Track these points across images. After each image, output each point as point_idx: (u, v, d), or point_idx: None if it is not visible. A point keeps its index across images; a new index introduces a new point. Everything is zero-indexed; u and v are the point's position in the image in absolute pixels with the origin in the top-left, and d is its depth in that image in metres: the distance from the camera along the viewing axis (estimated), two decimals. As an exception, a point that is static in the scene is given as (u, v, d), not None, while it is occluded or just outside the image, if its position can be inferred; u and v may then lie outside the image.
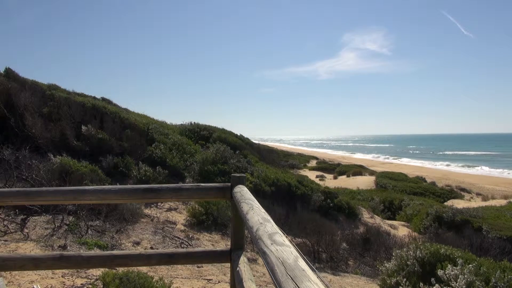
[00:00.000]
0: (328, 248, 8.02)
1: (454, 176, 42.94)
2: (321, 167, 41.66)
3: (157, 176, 9.20)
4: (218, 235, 7.51)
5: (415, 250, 5.37)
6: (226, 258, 2.89)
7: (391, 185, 26.89)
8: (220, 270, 5.53)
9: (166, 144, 11.51)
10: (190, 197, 2.97)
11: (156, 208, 8.12)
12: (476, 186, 34.85)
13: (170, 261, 2.95)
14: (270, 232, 1.47)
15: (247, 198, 2.21)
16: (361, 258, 8.62)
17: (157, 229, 6.76)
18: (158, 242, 6.24)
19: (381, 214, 16.77)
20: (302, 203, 11.17)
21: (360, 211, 13.59)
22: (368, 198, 19.54)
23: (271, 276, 1.15)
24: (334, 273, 7.08)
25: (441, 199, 24.06)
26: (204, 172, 10.95)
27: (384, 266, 5.59)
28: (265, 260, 1.26)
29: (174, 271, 5.13)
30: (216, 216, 7.81)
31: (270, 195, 10.63)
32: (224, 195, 2.83)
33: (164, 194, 2.80)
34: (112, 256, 2.84)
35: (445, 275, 4.61)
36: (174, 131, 15.25)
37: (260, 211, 1.89)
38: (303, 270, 1.08)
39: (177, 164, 10.67)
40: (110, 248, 5.45)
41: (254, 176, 11.31)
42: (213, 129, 18.64)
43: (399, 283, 4.95)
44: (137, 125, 11.51)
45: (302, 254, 1.27)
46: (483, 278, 4.64)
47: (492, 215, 16.47)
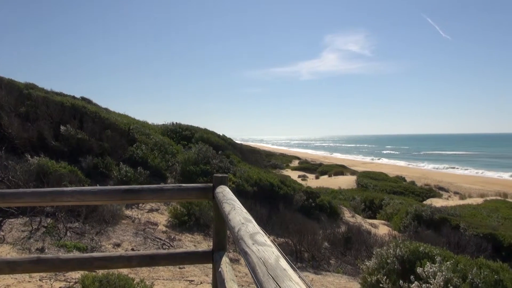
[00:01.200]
0: (310, 248, 8.08)
1: (432, 176, 43.90)
2: (303, 167, 41.95)
3: (138, 177, 9.09)
4: (200, 236, 7.47)
5: (395, 248, 5.45)
6: (208, 259, 2.88)
7: (372, 185, 27.28)
8: (202, 271, 5.50)
9: (148, 144, 11.38)
10: (171, 198, 2.95)
11: (137, 209, 8.02)
12: (454, 185, 35.71)
13: (151, 262, 2.92)
14: (252, 232, 1.47)
15: (229, 199, 2.21)
16: (343, 257, 8.72)
17: (138, 231, 6.68)
18: (139, 244, 6.16)
19: (362, 213, 16.99)
20: (284, 203, 11.21)
21: (342, 211, 13.73)
22: (349, 197, 19.77)
23: (252, 276, 1.15)
24: (316, 272, 7.13)
25: (420, 198, 24.53)
26: (186, 172, 10.87)
27: (365, 265, 5.66)
28: (247, 260, 1.26)
29: (155, 273, 5.08)
30: (198, 216, 7.77)
31: (252, 195, 10.64)
32: (206, 196, 2.82)
33: (145, 195, 2.77)
34: (92, 258, 2.80)
35: (424, 273, 4.70)
36: (155, 131, 15.09)
37: (242, 211, 1.89)
38: (284, 269, 1.08)
39: (159, 165, 10.57)
40: (89, 250, 5.35)
41: (237, 176, 11.29)
42: (195, 129, 18.53)
43: (380, 281, 5.02)
44: (118, 125, 11.34)
45: (283, 253, 1.27)
46: (460, 274, 4.75)
47: (469, 213, 16.91)
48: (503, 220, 16.71)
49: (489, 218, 16.45)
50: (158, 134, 14.02)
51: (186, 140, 16.37)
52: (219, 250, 2.73)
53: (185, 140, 16.35)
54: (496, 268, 5.32)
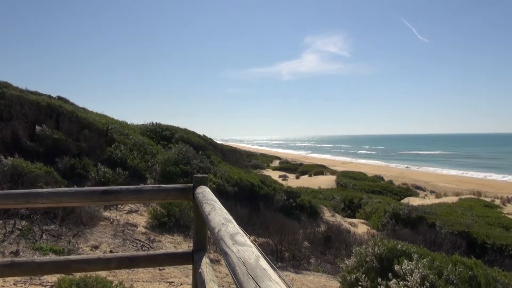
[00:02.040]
0: (291, 247, 8.12)
1: (409, 175, 44.83)
2: (283, 167, 42.13)
3: (117, 178, 8.95)
4: (180, 237, 7.41)
5: (374, 246, 5.54)
6: (188, 260, 2.86)
7: (351, 184, 27.64)
8: (182, 272, 5.46)
9: (127, 144, 11.21)
10: (151, 199, 2.92)
11: (116, 210, 7.89)
12: (430, 184, 36.57)
13: (131, 264, 2.88)
14: (232, 232, 1.47)
15: (209, 199, 2.20)
16: (323, 256, 8.80)
17: (117, 232, 6.58)
18: (118, 246, 6.07)
19: (341, 212, 17.19)
20: (265, 203, 11.24)
21: (322, 210, 13.86)
22: (329, 197, 19.97)
23: (232, 276, 1.15)
24: (297, 272, 7.18)
25: (398, 197, 25.01)
26: (166, 173, 10.76)
27: (344, 263, 5.73)
28: (227, 260, 1.26)
29: (135, 275, 5.01)
30: (179, 217, 7.71)
31: (233, 195, 10.62)
32: (186, 196, 2.80)
33: (124, 196, 2.73)
34: (69, 261, 2.74)
35: (401, 270, 4.80)
36: (135, 131, 14.88)
37: (222, 211, 1.89)
38: (264, 269, 1.09)
39: (138, 165, 10.43)
40: (66, 253, 5.24)
41: (217, 176, 11.25)
42: (175, 129, 18.37)
43: (359, 279, 5.09)
44: (96, 125, 11.13)
45: (263, 253, 1.28)
46: (436, 271, 4.87)
47: (444, 211, 17.36)
48: (477, 218, 17.23)
49: (464, 216, 16.93)
50: (138, 134, 13.84)
51: (166, 140, 16.21)
52: (199, 250, 2.72)
53: (165, 140, 16.19)
54: (470, 264, 5.47)
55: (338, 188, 26.38)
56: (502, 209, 20.57)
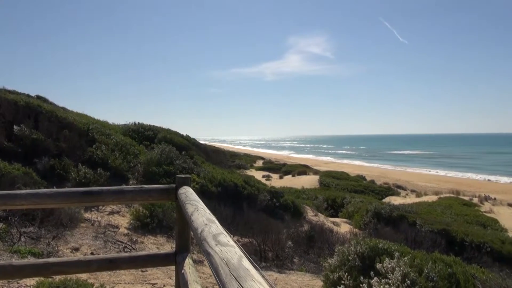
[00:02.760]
0: (274, 247, 8.14)
1: (391, 174, 45.53)
2: (267, 167, 42.21)
3: (98, 178, 8.81)
4: (163, 238, 7.34)
5: (356, 245, 5.61)
6: (171, 261, 2.83)
7: (334, 184, 27.90)
8: (165, 274, 5.41)
9: (108, 144, 11.04)
10: (133, 200, 2.89)
11: (97, 211, 7.77)
12: (411, 183, 37.23)
13: (112, 266, 2.84)
14: (215, 233, 1.46)
15: (192, 199, 2.19)
16: (306, 255, 8.85)
17: (98, 234, 6.48)
18: (99, 247, 5.97)
19: (324, 212, 17.33)
20: (248, 203, 11.23)
21: (305, 210, 13.94)
22: (312, 196, 20.11)
23: (215, 277, 1.15)
24: (280, 271, 7.20)
25: (379, 196, 25.36)
26: (149, 173, 10.65)
27: (327, 262, 5.78)
28: (210, 261, 1.26)
29: (116, 277, 4.94)
30: (162, 218, 7.64)
31: (216, 195, 10.58)
32: (169, 197, 2.78)
33: (105, 196, 2.68)
34: (48, 264, 2.68)
35: (383, 268, 4.87)
36: (116, 131, 14.66)
37: (205, 212, 1.88)
38: (247, 269, 1.09)
39: (120, 166, 10.28)
40: (45, 255, 5.12)
41: (201, 177, 11.20)
42: (158, 129, 18.17)
43: (341, 277, 5.14)
44: (76, 124, 10.93)
45: (246, 253, 1.28)
46: (417, 269, 4.96)
47: (425, 210, 17.69)
48: (456, 216, 17.63)
49: (443, 215, 17.31)
50: (119, 134, 13.65)
51: (148, 140, 16.03)
52: (182, 251, 2.70)
53: (147, 140, 16.00)
54: (449, 262, 5.60)
55: (321, 188, 26.58)
56: (479, 207, 21.09)
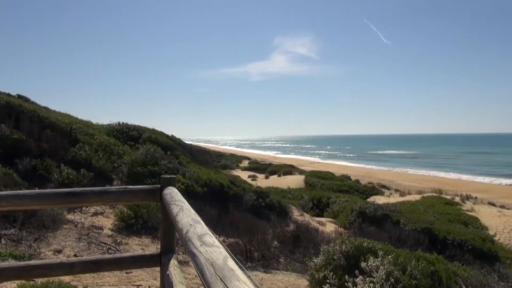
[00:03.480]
0: (260, 247, 8.15)
1: (375, 174, 46.07)
2: (253, 167, 42.25)
3: (82, 179, 8.68)
4: (148, 239, 7.28)
5: (341, 244, 5.65)
6: (155, 262, 2.81)
7: (319, 184, 28.07)
8: (150, 275, 5.36)
9: (92, 145, 10.89)
10: (117, 200, 2.85)
11: (81, 213, 7.65)
12: (395, 183, 37.75)
13: (96, 268, 2.81)
14: (200, 233, 1.46)
15: (177, 200, 2.17)
16: (292, 255, 8.89)
17: (82, 235, 6.38)
18: (83, 249, 5.88)
19: (310, 211, 17.41)
20: (234, 203, 11.22)
21: (291, 210, 13.99)
22: (298, 196, 20.20)
23: (200, 277, 1.15)
24: (266, 271, 7.21)
25: (364, 196, 25.62)
26: (133, 174, 10.54)
27: (312, 262, 5.81)
28: (195, 262, 1.25)
29: (100, 279, 4.88)
30: (146, 219, 7.57)
31: (202, 196, 10.54)
32: (154, 197, 2.76)
33: (89, 197, 2.65)
34: (30, 266, 2.63)
35: (367, 267, 4.92)
36: (100, 131, 14.48)
37: (190, 212, 1.87)
38: (232, 270, 1.09)
39: (104, 166, 10.15)
40: (27, 258, 5.02)
41: (186, 177, 11.13)
42: (143, 129, 18.01)
43: (326, 277, 5.17)
44: (59, 124, 10.75)
45: (231, 254, 1.28)
46: (400, 267, 5.02)
47: (408, 209, 17.96)
48: (439, 215, 17.95)
49: (426, 214, 17.60)
50: (103, 135, 13.48)
51: (133, 140, 15.87)
52: (167, 252, 2.68)
53: (132, 140, 15.84)
54: (432, 260, 5.69)
55: (307, 188, 26.73)
56: (461, 206, 21.51)
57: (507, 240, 15.74)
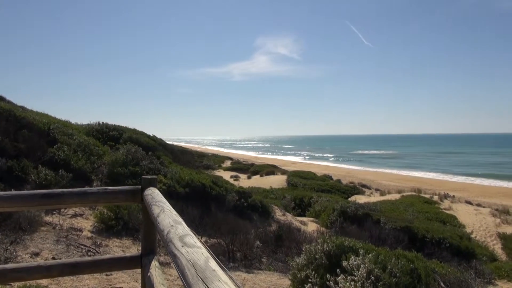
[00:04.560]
0: (242, 247, 8.14)
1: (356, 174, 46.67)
2: (235, 167, 42.18)
3: (60, 180, 8.49)
4: (129, 240, 7.18)
5: (323, 244, 5.70)
6: (136, 264, 2.78)
7: (301, 184, 28.22)
8: (131, 277, 5.29)
9: (71, 145, 10.67)
10: (97, 202, 2.80)
11: (59, 214, 7.49)
12: (375, 182, 38.32)
13: (74, 271, 2.75)
14: (181, 234, 1.44)
15: (158, 201, 2.15)
16: (274, 254, 8.91)
17: (60, 238, 6.24)
18: (61, 252, 5.76)
19: (292, 211, 17.50)
20: (216, 203, 11.17)
21: (273, 209, 14.02)
22: (280, 196, 20.26)
23: (181, 279, 1.14)
24: (248, 271, 7.21)
25: (345, 195, 25.89)
26: (114, 174, 10.38)
27: (294, 261, 5.84)
28: (176, 263, 1.24)
29: (79, 282, 4.79)
30: (127, 220, 7.46)
31: (184, 196, 10.46)
32: (135, 198, 2.72)
33: (67, 199, 2.59)
34: (5, 270, 2.56)
35: (348, 265, 4.98)
36: (79, 131, 14.20)
37: (172, 213, 1.86)
38: (213, 270, 1.08)
39: (83, 167, 9.96)
40: (3, 261, 4.88)
41: (168, 177, 11.03)
42: (123, 129, 17.76)
43: (308, 276, 5.21)
44: (36, 124, 10.49)
45: (213, 254, 1.27)
46: (381, 265, 5.10)
47: (388, 208, 18.25)
48: (418, 213, 18.30)
49: (406, 212, 17.92)
50: (82, 135, 13.23)
51: (113, 140, 15.63)
52: (149, 254, 2.65)
53: (112, 140, 15.60)
54: (411, 257, 5.80)
55: (289, 188, 26.83)
56: (439, 204, 21.97)
57: (483, 237, 16.18)
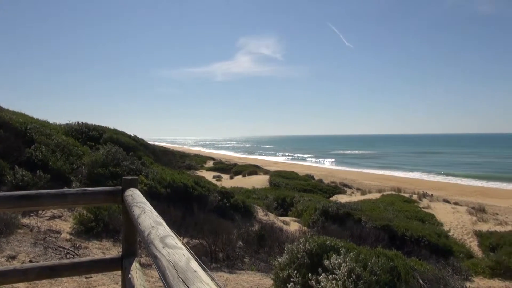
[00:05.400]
0: (225, 247, 8.12)
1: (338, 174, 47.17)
2: (217, 168, 42.07)
3: (38, 181, 8.29)
4: (109, 242, 7.07)
5: (305, 243, 5.74)
6: (117, 266, 2.74)
7: (283, 183, 28.34)
8: (111, 279, 5.21)
9: (49, 145, 10.43)
10: (75, 203, 2.76)
11: (37, 216, 7.31)
12: (356, 182, 38.81)
13: (53, 274, 2.69)
14: (162, 235, 1.43)
15: (139, 202, 2.13)
16: (256, 254, 8.92)
17: (38, 240, 6.10)
18: (39, 255, 5.63)
19: (274, 211, 17.54)
20: (199, 204, 11.11)
21: (255, 209, 14.04)
22: (262, 196, 20.29)
23: (162, 280, 1.13)
24: (231, 272, 7.20)
25: (327, 195, 26.13)
26: (94, 175, 10.20)
27: (277, 261, 5.86)
28: (157, 264, 1.23)
29: (58, 285, 4.69)
30: (107, 221, 7.34)
31: (166, 197, 10.36)
32: (115, 199, 2.69)
33: (45, 200, 2.54)
34: (-21, 274, 2.49)
35: (330, 264, 5.03)
36: (58, 131, 13.89)
37: (153, 214, 1.84)
38: (195, 271, 1.08)
39: (62, 167, 9.75)
40: (-23, 265, 4.75)
41: (149, 178, 10.91)
42: (103, 129, 17.45)
43: (290, 275, 5.24)
44: (12, 124, 10.23)
45: (194, 255, 1.27)
46: (362, 264, 5.17)
47: (369, 207, 18.50)
48: (398, 212, 18.62)
49: (386, 211, 18.21)
50: (61, 135, 12.95)
51: (93, 141, 15.34)
52: (129, 255, 2.62)
53: (92, 141, 15.32)
54: (391, 256, 5.90)
55: (271, 188, 26.90)
56: (418, 203, 22.41)
57: (460, 235, 16.58)
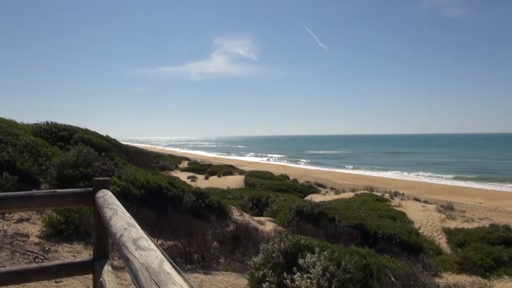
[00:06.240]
0: (200, 248, 8.07)
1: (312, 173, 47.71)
2: (192, 168, 41.73)
3: (4, 183, 7.99)
4: (80, 245, 6.88)
5: (279, 243, 5.77)
6: (88, 269, 2.67)
7: (259, 183, 28.41)
8: (83, 283, 5.08)
9: (16, 146, 10.07)
10: (44, 206, 2.67)
11: (3, 219, 7.04)
12: (330, 181, 39.37)
13: (20, 279, 2.60)
14: (135, 237, 1.41)
15: (110, 203, 2.08)
16: (232, 255, 8.90)
17: (4, 244, 5.87)
18: (5, 259, 5.42)
19: (250, 211, 17.55)
20: (173, 204, 10.98)
21: (230, 210, 14.00)
22: (238, 196, 20.27)
23: (134, 283, 1.11)
24: (206, 272, 7.15)
25: (302, 194, 26.36)
26: (64, 176, 9.91)
27: (252, 261, 5.87)
28: (129, 267, 1.21)
29: (25, 290, 4.52)
30: (78, 224, 7.15)
31: (139, 198, 10.19)
32: (86, 201, 2.62)
33: (11, 203, 2.44)
34: None
35: (305, 263, 5.08)
36: (26, 131, 13.43)
37: (125, 215, 1.80)
38: (168, 273, 1.06)
39: (30, 169, 9.43)
40: None
41: (122, 179, 10.70)
42: (74, 129, 16.98)
43: (266, 275, 5.26)
44: (-23, 124, 9.80)
45: (168, 257, 1.25)
46: (335, 262, 5.25)
47: (343, 206, 18.81)
48: (370, 211, 19.01)
49: (359, 210, 18.56)
50: (29, 135, 12.52)
51: (63, 141, 14.91)
52: (101, 258, 2.56)
53: (62, 141, 14.88)
54: (364, 253, 6.02)
55: (247, 188, 26.91)
56: (390, 202, 22.94)
57: (430, 232, 17.10)
